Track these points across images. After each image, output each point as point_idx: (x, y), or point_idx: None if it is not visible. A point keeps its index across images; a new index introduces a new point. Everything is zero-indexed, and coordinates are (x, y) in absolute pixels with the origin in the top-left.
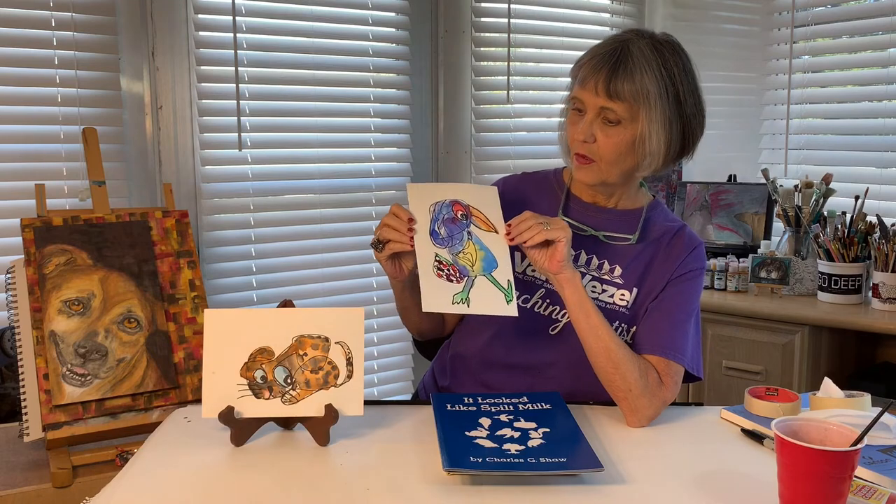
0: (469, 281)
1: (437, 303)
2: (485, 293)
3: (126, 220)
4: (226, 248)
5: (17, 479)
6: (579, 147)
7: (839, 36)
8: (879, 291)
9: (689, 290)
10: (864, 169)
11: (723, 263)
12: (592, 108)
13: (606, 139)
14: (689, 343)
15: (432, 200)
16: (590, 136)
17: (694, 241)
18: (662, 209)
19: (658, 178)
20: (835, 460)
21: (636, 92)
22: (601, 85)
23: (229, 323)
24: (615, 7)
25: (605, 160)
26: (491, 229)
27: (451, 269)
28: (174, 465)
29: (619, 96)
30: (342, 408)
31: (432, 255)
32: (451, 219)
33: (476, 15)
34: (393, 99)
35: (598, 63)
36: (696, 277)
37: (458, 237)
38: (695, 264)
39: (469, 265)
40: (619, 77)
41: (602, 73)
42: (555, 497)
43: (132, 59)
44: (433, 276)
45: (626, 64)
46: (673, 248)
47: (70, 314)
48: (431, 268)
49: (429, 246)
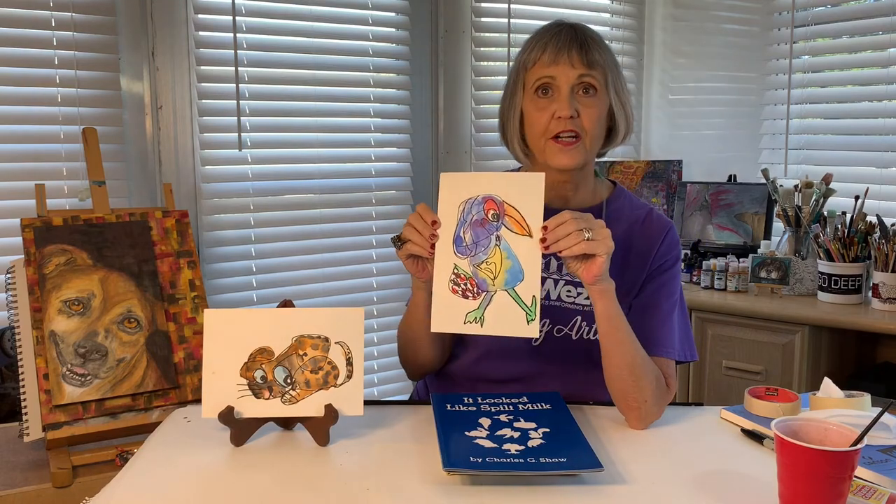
0: (487, 297)
1: (448, 323)
2: (503, 311)
3: (126, 220)
4: (226, 248)
5: (17, 479)
6: (563, 124)
7: (839, 36)
8: (879, 291)
9: (669, 280)
10: (864, 169)
11: (723, 263)
12: (568, 82)
13: (588, 110)
14: (676, 335)
15: (464, 197)
16: (574, 111)
17: (664, 224)
18: (626, 196)
19: (658, 179)
20: (835, 460)
21: (605, 60)
22: (576, 56)
23: (229, 323)
24: (615, 7)
25: (590, 134)
26: (525, 232)
27: (469, 283)
28: (174, 465)
29: (596, 63)
30: (342, 408)
31: (451, 266)
32: (480, 221)
33: (476, 15)
34: (393, 99)
35: (562, 41)
36: (673, 265)
37: (483, 243)
38: (671, 252)
39: (490, 278)
40: (589, 47)
41: (573, 45)
42: (555, 497)
43: (132, 59)
44: (447, 291)
45: (587, 36)
46: (646, 236)
47: (70, 314)
48: (447, 283)
49: (449, 256)
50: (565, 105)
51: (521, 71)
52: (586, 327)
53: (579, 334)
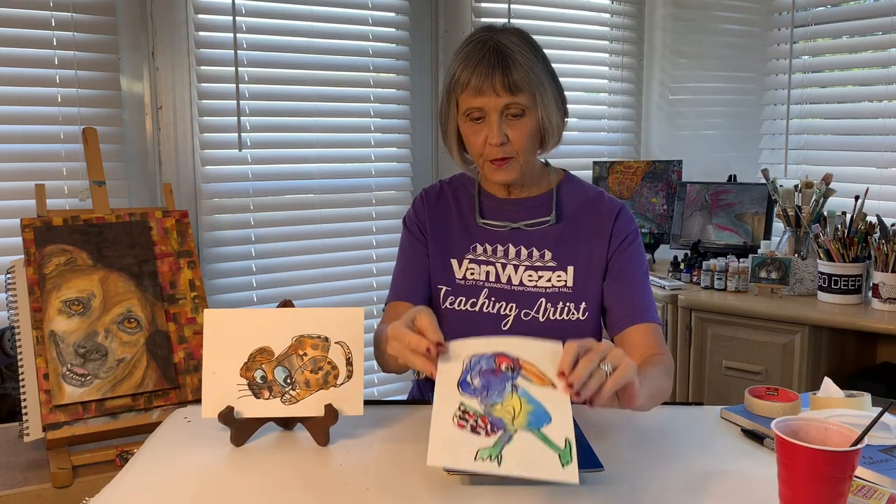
0: (505, 435)
1: (452, 459)
2: (529, 451)
3: (126, 220)
4: (226, 248)
5: (17, 479)
6: (496, 152)
7: (839, 36)
8: (879, 291)
9: (635, 254)
10: (864, 169)
11: (723, 263)
12: (495, 110)
13: (517, 132)
14: (653, 302)
15: (470, 353)
16: (503, 137)
17: (614, 205)
18: (576, 182)
19: (658, 179)
20: (835, 460)
21: (530, 79)
22: (499, 84)
23: (229, 323)
24: (615, 7)
25: (522, 153)
26: (546, 383)
27: (481, 420)
28: (174, 465)
29: (518, 88)
30: (342, 408)
31: (456, 401)
32: (492, 370)
33: (476, 15)
34: (393, 99)
35: (484, 68)
36: (635, 239)
37: (497, 388)
38: (627, 228)
39: (508, 419)
40: (511, 71)
41: (495, 73)
42: (555, 497)
43: (132, 59)
44: (451, 426)
45: (509, 57)
46: (595, 217)
47: (70, 314)
48: (451, 416)
49: (452, 389)
50: (495, 133)
51: (452, 90)
52: (551, 308)
53: (546, 316)
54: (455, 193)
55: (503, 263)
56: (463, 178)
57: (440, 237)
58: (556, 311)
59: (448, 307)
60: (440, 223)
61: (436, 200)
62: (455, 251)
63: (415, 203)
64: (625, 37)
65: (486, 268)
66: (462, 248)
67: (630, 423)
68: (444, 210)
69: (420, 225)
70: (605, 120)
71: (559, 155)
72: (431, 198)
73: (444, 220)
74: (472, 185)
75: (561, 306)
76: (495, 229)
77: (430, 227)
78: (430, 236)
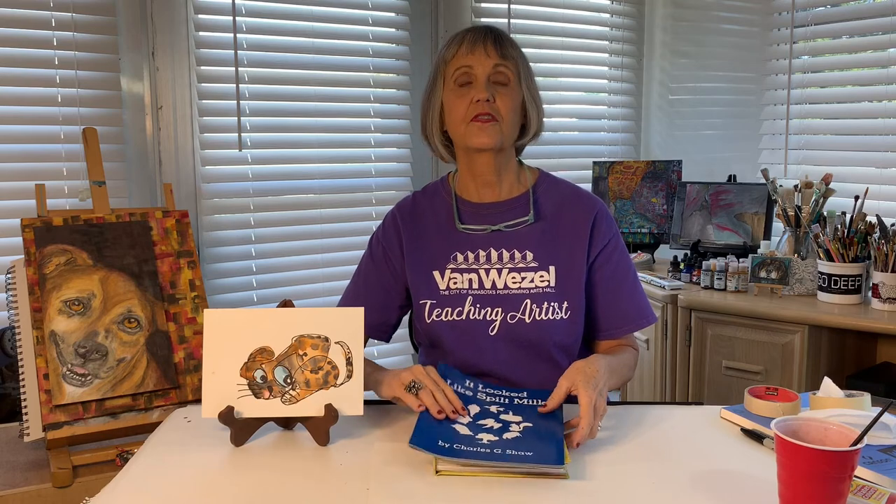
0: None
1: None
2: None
3: (126, 220)
4: (226, 248)
5: (18, 479)
6: (481, 107)
7: (839, 36)
8: (879, 291)
9: (620, 257)
10: (864, 169)
11: (723, 263)
12: (484, 72)
13: (503, 98)
14: (646, 300)
15: None
16: (490, 94)
17: (592, 204)
18: (552, 180)
19: (658, 179)
20: (835, 460)
21: (517, 56)
22: (491, 47)
23: (229, 323)
24: (615, 7)
25: (506, 119)
26: None
27: None
28: (174, 465)
29: (509, 56)
30: (342, 408)
31: None
32: None
33: (476, 15)
34: (393, 99)
35: (478, 34)
36: (616, 244)
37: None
38: (608, 233)
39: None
40: (502, 41)
41: (487, 39)
42: (555, 497)
43: (132, 59)
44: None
45: (501, 35)
46: (573, 217)
47: (70, 314)
48: None
49: None
50: (482, 89)
51: (440, 65)
52: (536, 308)
53: (532, 317)
54: (431, 202)
55: (486, 269)
56: (436, 186)
57: (419, 251)
58: (542, 311)
59: (435, 319)
60: (418, 236)
61: (410, 215)
62: (436, 262)
63: (385, 222)
64: (624, 37)
65: (469, 275)
66: (442, 258)
67: (630, 422)
68: (421, 222)
69: (386, 246)
70: (605, 120)
71: (559, 155)
72: (405, 213)
73: (421, 232)
74: (447, 192)
75: (546, 306)
76: (475, 233)
77: (406, 244)
78: (406, 253)
